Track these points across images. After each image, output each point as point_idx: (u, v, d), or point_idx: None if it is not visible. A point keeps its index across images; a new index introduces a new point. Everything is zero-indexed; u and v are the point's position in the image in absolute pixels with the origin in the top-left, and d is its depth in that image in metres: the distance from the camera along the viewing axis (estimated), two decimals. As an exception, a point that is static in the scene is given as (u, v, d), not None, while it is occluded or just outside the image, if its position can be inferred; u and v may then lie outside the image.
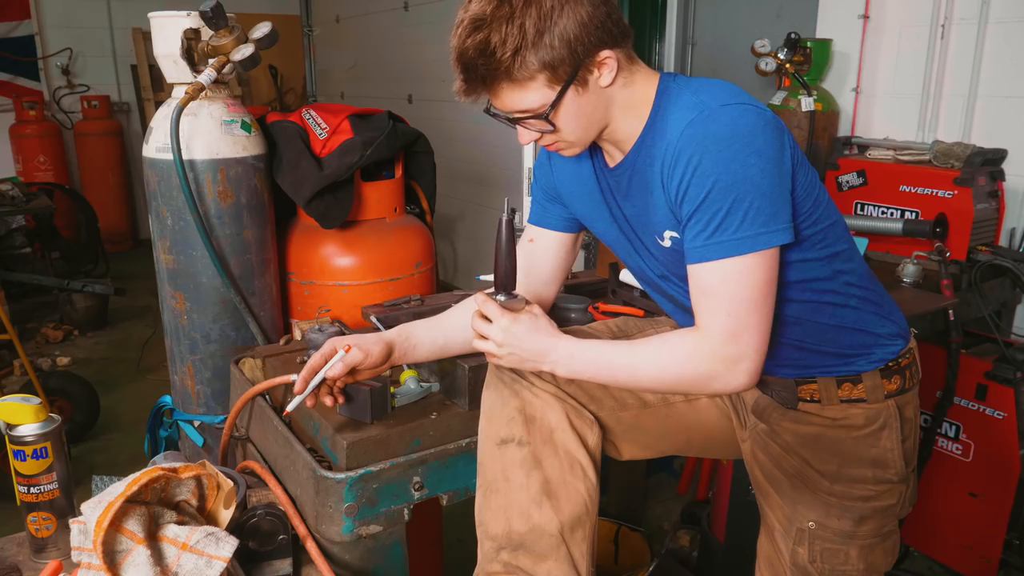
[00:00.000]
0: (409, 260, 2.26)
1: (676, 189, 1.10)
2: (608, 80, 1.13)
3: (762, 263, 1.09)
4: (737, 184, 1.05)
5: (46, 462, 1.21)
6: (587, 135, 1.19)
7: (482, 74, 1.10)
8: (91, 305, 4.83)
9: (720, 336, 1.11)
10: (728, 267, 1.08)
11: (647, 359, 1.18)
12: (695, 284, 1.13)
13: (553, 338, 1.20)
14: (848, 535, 1.28)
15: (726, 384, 1.13)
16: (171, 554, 1.12)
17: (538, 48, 1.07)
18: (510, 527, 1.21)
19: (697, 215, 1.08)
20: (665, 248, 1.21)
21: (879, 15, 3.00)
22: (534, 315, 1.21)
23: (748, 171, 1.06)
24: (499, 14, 1.06)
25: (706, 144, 1.06)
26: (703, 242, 1.09)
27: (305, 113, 2.21)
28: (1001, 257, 2.44)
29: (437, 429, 1.40)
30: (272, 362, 1.67)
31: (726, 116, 1.08)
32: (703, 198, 1.07)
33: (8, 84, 6.63)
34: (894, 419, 1.27)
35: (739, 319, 1.10)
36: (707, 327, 1.12)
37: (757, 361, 1.12)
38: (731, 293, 1.09)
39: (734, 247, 1.07)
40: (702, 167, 1.06)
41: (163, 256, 1.97)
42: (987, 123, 2.75)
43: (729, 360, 1.11)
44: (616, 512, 2.58)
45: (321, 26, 7.65)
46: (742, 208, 1.06)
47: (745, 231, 1.07)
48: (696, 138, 1.07)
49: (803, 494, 1.29)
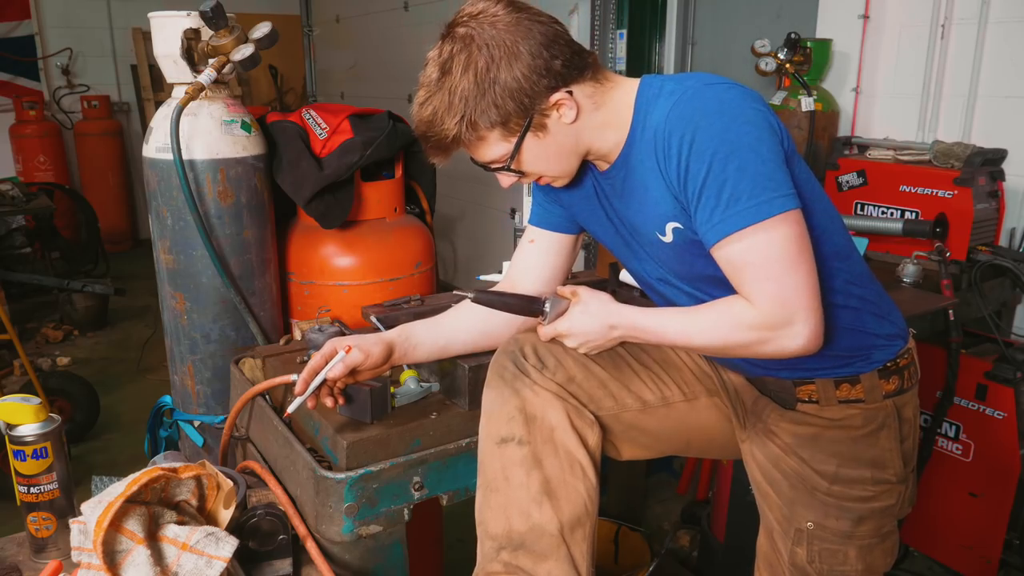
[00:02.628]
0: (409, 260, 2.26)
1: (676, 171, 1.09)
2: (570, 118, 1.14)
3: (786, 224, 1.07)
4: (736, 152, 1.04)
5: (46, 462, 1.21)
6: (567, 166, 1.21)
7: (435, 144, 1.14)
8: (91, 305, 4.83)
9: (766, 304, 1.08)
10: (752, 235, 1.06)
11: (700, 326, 1.16)
12: (727, 264, 1.11)
13: (612, 317, 1.21)
14: (847, 535, 1.27)
15: (781, 347, 1.10)
16: (171, 554, 1.12)
17: (483, 110, 1.09)
18: (510, 526, 1.21)
19: (705, 192, 1.07)
20: (666, 244, 1.20)
21: (879, 15, 3.00)
22: (582, 303, 1.23)
23: (744, 138, 1.05)
24: (442, 84, 1.10)
25: (696, 120, 1.06)
26: (720, 217, 1.07)
27: (305, 113, 2.21)
28: (1001, 257, 2.43)
29: (437, 429, 1.39)
30: (272, 362, 1.67)
31: (711, 92, 1.08)
32: (706, 172, 1.06)
33: (8, 84, 6.63)
34: (892, 419, 1.27)
35: (780, 281, 1.07)
36: (752, 297, 1.10)
37: (812, 322, 1.08)
38: (763, 259, 1.07)
39: (752, 214, 1.05)
40: (697, 142, 1.05)
41: (163, 256, 1.97)
42: (987, 123, 2.75)
43: (778, 325, 1.08)
44: (616, 512, 2.58)
45: (321, 26, 7.65)
46: (748, 175, 1.05)
47: (758, 196, 1.05)
48: (685, 116, 1.07)
49: (801, 494, 1.29)
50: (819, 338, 1.10)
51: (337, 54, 7.37)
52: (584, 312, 1.22)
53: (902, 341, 1.30)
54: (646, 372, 1.37)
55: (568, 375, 1.29)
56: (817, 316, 1.10)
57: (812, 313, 1.09)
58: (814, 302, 1.09)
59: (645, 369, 1.37)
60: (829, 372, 1.26)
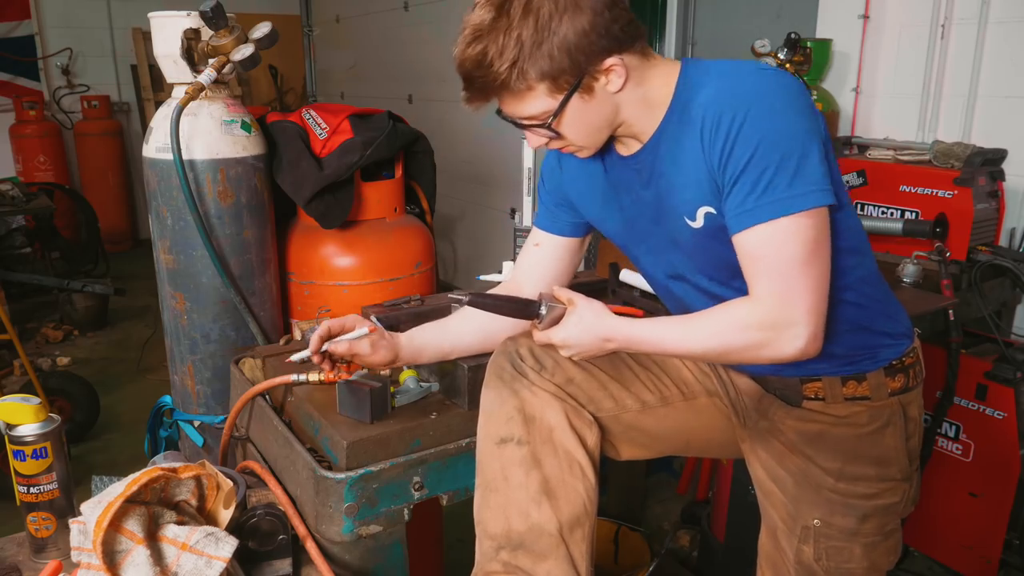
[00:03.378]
0: (409, 260, 2.26)
1: (720, 150, 1.07)
2: (617, 86, 1.11)
3: (812, 222, 1.06)
4: (783, 140, 1.04)
5: (46, 462, 1.21)
6: (598, 138, 1.18)
7: (479, 86, 1.10)
8: (91, 305, 4.83)
9: (771, 300, 1.08)
10: (777, 228, 1.05)
11: (698, 331, 1.15)
12: (745, 250, 1.10)
13: (607, 329, 1.19)
14: (852, 532, 1.27)
15: (779, 351, 1.09)
16: (171, 554, 1.12)
17: (536, 59, 1.06)
18: (509, 526, 1.21)
19: (744, 176, 1.05)
20: (694, 230, 1.17)
21: (879, 15, 3.00)
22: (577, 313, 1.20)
23: (793, 128, 1.04)
24: (497, 25, 1.05)
25: (748, 102, 1.05)
26: (753, 203, 1.06)
27: (305, 113, 2.21)
28: (1001, 257, 2.43)
29: (437, 429, 1.39)
30: (272, 362, 1.67)
31: (765, 77, 1.07)
32: (749, 157, 1.04)
33: (8, 84, 6.63)
34: (898, 417, 1.27)
35: (789, 281, 1.07)
36: (758, 292, 1.09)
37: (812, 326, 1.08)
38: (780, 254, 1.06)
39: (784, 206, 1.04)
40: (747, 125, 1.04)
41: (163, 256, 1.97)
42: (987, 123, 2.74)
43: (780, 326, 1.08)
44: (616, 512, 2.58)
45: (321, 26, 7.65)
46: (790, 165, 1.04)
47: (796, 189, 1.04)
48: (739, 96, 1.06)
49: (807, 492, 1.29)
50: (818, 342, 1.10)
51: (337, 54, 7.37)
52: (579, 323, 1.19)
53: (908, 340, 1.30)
54: (645, 373, 1.37)
55: (567, 376, 1.29)
56: (819, 320, 1.09)
57: (815, 316, 1.08)
58: (820, 306, 1.09)
59: (644, 370, 1.37)
60: (836, 370, 1.26)
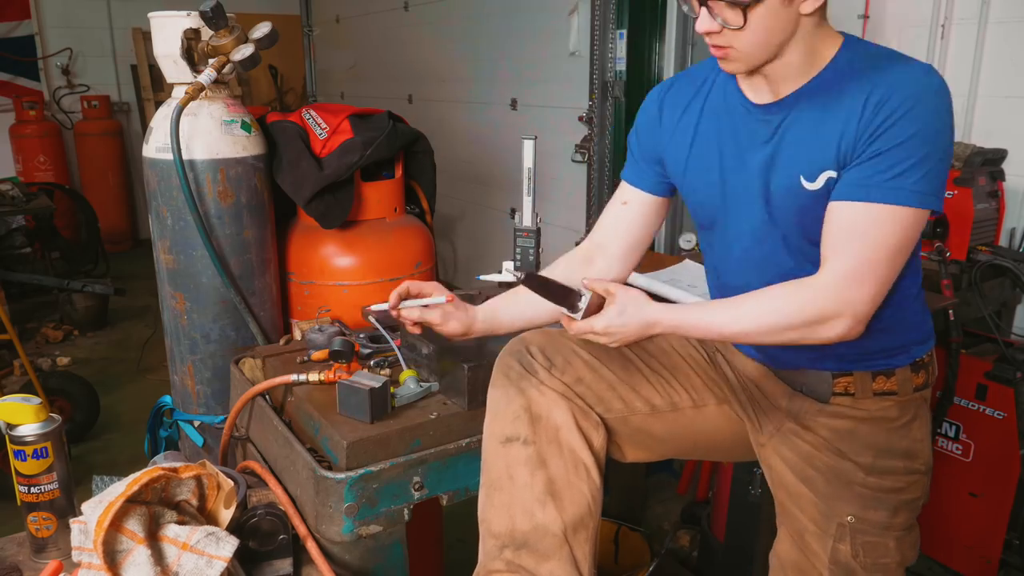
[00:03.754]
0: (409, 260, 2.26)
1: (878, 125, 1.09)
2: (810, 8, 1.12)
3: (915, 222, 1.11)
4: (933, 140, 1.08)
5: (46, 462, 1.21)
6: (761, 53, 1.15)
7: None
8: (91, 305, 4.83)
9: (845, 275, 1.10)
10: (888, 213, 1.09)
11: (754, 313, 1.15)
12: (841, 222, 1.12)
13: (649, 315, 1.17)
14: (885, 527, 1.28)
15: (832, 330, 1.12)
16: (172, 554, 1.12)
17: None
18: (513, 525, 1.21)
19: (887, 156, 1.08)
20: (808, 192, 1.16)
21: (879, 15, 3.00)
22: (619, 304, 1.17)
23: (944, 134, 1.10)
24: None
25: (924, 95, 1.08)
26: (880, 181, 1.08)
27: (305, 113, 2.21)
28: (1001, 257, 2.43)
29: (437, 429, 1.40)
30: (272, 362, 1.67)
31: (939, 79, 1.11)
32: (901, 141, 1.07)
33: (8, 84, 6.63)
34: (924, 411, 1.30)
35: (871, 266, 1.10)
36: (834, 266, 1.11)
37: (867, 312, 1.12)
38: (876, 238, 1.10)
39: (907, 196, 1.08)
40: (914, 112, 1.07)
41: (163, 256, 1.97)
42: (987, 123, 2.74)
43: (843, 302, 1.10)
44: (616, 512, 2.58)
45: (321, 26, 7.65)
46: (929, 163, 1.08)
47: (922, 186, 1.08)
48: (917, 84, 1.09)
49: (838, 488, 1.29)
50: (861, 327, 1.13)
51: (337, 54, 7.37)
52: (621, 313, 1.16)
53: (932, 340, 1.34)
54: (655, 376, 1.37)
55: (576, 375, 1.28)
56: (870, 312, 1.12)
57: (871, 307, 1.12)
58: (879, 299, 1.12)
59: (654, 374, 1.37)
60: (871, 364, 1.27)
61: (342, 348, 1.50)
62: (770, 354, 1.35)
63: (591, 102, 4.09)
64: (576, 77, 4.18)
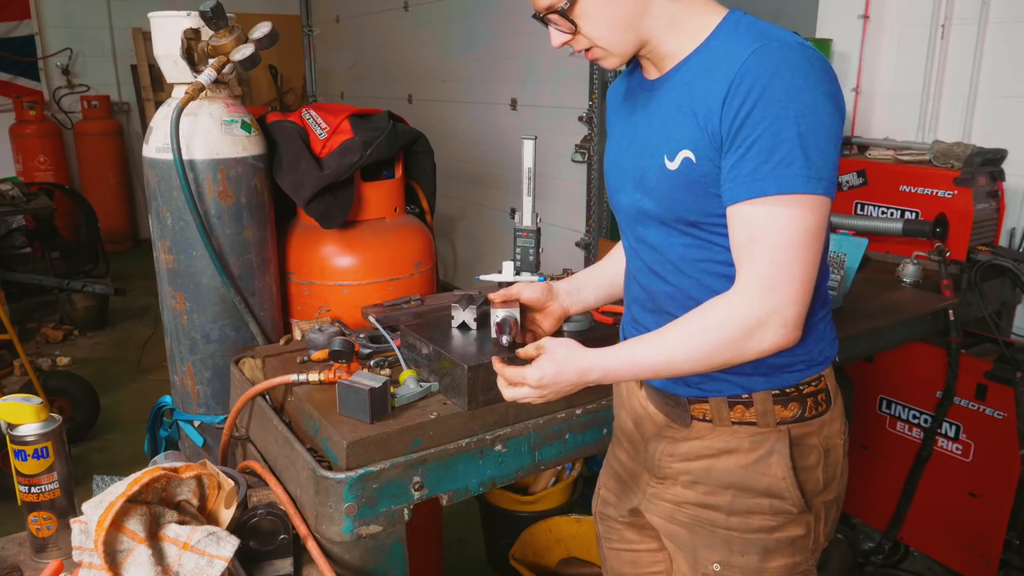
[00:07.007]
0: (409, 260, 2.26)
1: (736, 110, 1.02)
2: None
3: (818, 209, 1.02)
4: (807, 118, 0.99)
5: (47, 462, 1.21)
6: (622, 43, 1.12)
7: None
8: (91, 305, 4.84)
9: (758, 285, 1.04)
10: (779, 206, 1.01)
11: (680, 340, 1.09)
12: (741, 226, 1.05)
13: (583, 362, 1.14)
14: (756, 571, 1.22)
15: (762, 341, 1.05)
16: (172, 554, 1.12)
17: None
18: None
19: (758, 144, 1.01)
20: (668, 172, 1.12)
21: (879, 15, 3.00)
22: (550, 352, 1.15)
23: (819, 109, 1.00)
24: None
25: (779, 69, 1.00)
26: (765, 172, 1.01)
27: (305, 113, 2.21)
28: (1001, 257, 2.44)
29: (437, 429, 1.40)
30: (272, 362, 1.67)
31: (802, 51, 1.02)
32: (768, 124, 1.00)
33: (8, 84, 6.64)
34: (783, 445, 1.18)
35: (780, 267, 1.03)
36: (745, 275, 1.05)
37: (794, 314, 1.04)
38: (775, 236, 1.02)
39: (800, 183, 1.00)
40: (771, 90, 1.00)
41: (163, 256, 1.97)
42: (987, 123, 2.75)
43: (764, 310, 1.03)
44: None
45: (321, 26, 7.66)
46: (809, 145, 1.00)
47: (810, 170, 1.00)
48: (770, 60, 1.01)
49: (702, 536, 1.25)
50: (798, 331, 1.06)
51: (337, 54, 7.38)
52: (552, 361, 1.13)
53: (818, 368, 1.21)
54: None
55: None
56: (800, 312, 1.05)
57: (798, 309, 1.05)
58: (802, 298, 1.05)
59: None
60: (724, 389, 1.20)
61: (342, 348, 1.50)
62: None
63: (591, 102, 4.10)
64: (576, 77, 4.19)
